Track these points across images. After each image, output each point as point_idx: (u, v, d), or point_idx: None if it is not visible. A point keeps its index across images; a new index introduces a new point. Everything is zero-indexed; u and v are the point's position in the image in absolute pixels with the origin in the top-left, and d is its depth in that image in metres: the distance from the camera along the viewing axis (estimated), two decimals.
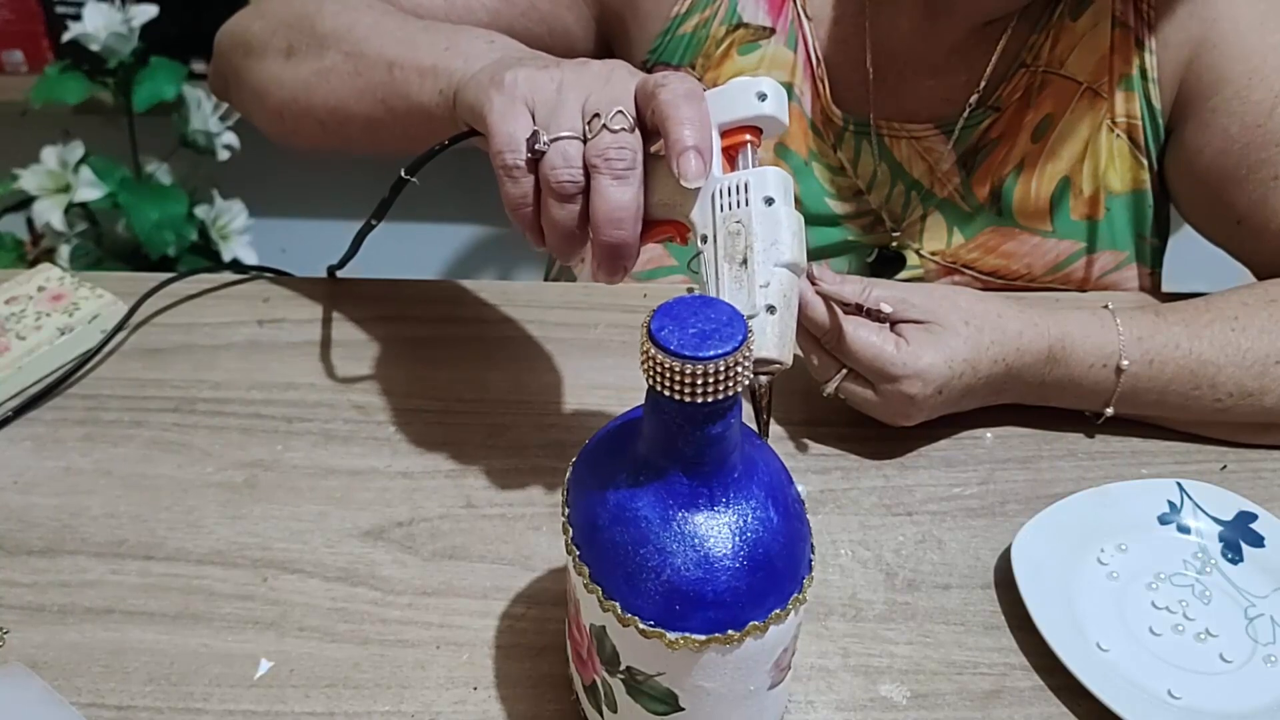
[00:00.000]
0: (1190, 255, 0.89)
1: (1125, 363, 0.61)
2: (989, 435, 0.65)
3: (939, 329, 0.59)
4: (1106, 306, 0.63)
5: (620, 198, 0.46)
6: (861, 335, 0.58)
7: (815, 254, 0.77)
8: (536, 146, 0.46)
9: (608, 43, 0.77)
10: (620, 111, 0.46)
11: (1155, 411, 0.64)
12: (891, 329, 0.60)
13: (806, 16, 0.73)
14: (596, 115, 0.46)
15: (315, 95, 0.63)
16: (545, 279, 0.90)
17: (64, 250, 1.37)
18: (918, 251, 0.77)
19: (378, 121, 0.60)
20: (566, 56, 0.73)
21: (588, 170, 0.46)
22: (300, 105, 0.65)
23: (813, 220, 0.77)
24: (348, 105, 0.62)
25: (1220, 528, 0.58)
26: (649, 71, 0.73)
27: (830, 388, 0.61)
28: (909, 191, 0.76)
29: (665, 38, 0.74)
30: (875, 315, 0.60)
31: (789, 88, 0.74)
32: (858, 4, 0.72)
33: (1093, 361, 0.61)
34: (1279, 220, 0.68)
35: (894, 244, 0.77)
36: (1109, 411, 0.63)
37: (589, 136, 0.46)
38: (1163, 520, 0.59)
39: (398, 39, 0.59)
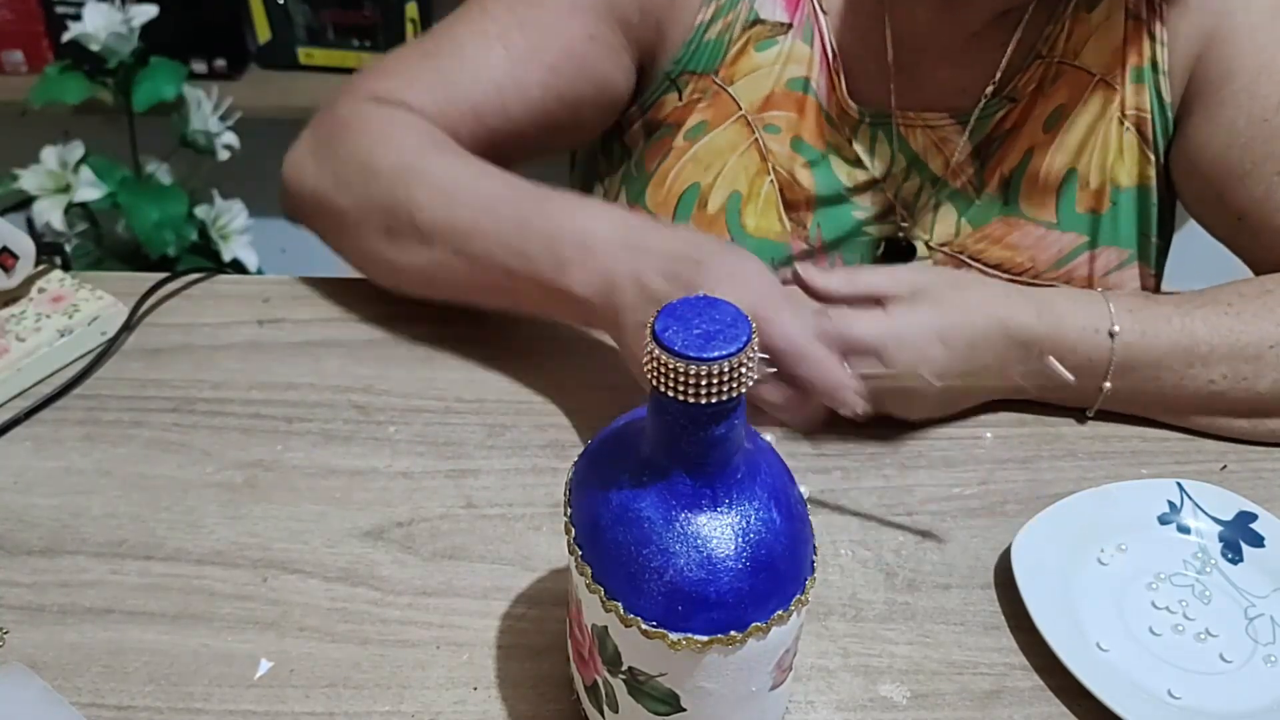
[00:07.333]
0: (1192, 256, 0.90)
1: (1117, 328, 0.61)
2: (989, 435, 0.65)
3: (925, 294, 0.59)
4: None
5: None
6: (850, 324, 0.57)
7: (831, 246, 0.77)
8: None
9: (643, 74, 0.78)
10: None
11: (1153, 389, 0.63)
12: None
13: (822, 10, 0.73)
14: None
15: (436, 285, 0.67)
16: None
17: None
18: (927, 243, 0.77)
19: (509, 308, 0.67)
20: (610, 103, 0.77)
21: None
22: (419, 289, 0.69)
23: (831, 214, 0.77)
24: (474, 297, 0.66)
25: (1220, 528, 0.58)
26: (674, 81, 0.75)
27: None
28: (924, 183, 0.76)
29: (690, 46, 0.74)
30: (862, 303, 0.59)
31: (806, 82, 0.74)
32: None
33: (1084, 325, 0.61)
34: None
35: (901, 234, 0.77)
36: (1107, 386, 0.62)
37: None
38: (1163, 520, 0.59)
39: (501, 240, 0.62)
